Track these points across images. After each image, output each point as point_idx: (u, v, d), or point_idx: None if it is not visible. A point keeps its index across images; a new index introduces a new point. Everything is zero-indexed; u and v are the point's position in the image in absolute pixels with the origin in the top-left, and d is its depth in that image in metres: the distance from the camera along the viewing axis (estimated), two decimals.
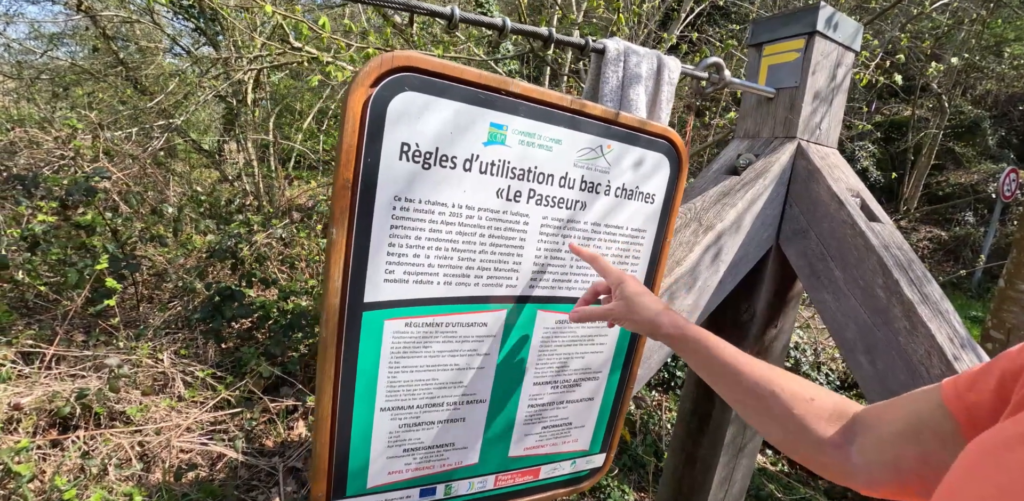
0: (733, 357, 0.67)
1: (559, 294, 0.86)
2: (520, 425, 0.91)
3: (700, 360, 0.69)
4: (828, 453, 0.58)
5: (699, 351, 0.69)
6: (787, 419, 0.60)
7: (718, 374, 0.67)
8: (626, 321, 0.75)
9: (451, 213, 0.72)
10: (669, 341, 0.72)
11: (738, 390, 0.65)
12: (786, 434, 0.61)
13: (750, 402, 0.64)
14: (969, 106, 10.76)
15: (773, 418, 0.62)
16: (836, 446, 0.58)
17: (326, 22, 2.06)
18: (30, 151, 3.54)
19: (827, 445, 0.58)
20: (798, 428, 0.60)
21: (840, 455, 0.57)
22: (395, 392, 0.76)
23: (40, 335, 2.28)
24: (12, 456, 1.68)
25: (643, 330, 0.75)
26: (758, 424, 0.65)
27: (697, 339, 0.70)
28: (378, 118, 0.64)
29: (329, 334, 0.69)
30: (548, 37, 1.02)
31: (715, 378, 0.68)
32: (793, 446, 0.61)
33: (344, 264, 0.67)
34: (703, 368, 0.70)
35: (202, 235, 3.38)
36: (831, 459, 0.58)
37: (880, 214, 1.32)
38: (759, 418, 0.64)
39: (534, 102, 0.75)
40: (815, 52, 1.32)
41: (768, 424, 0.63)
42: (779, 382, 0.63)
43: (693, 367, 0.72)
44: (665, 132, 0.92)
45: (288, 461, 2.05)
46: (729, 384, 0.66)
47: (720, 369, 0.67)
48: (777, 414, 0.61)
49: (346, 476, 0.78)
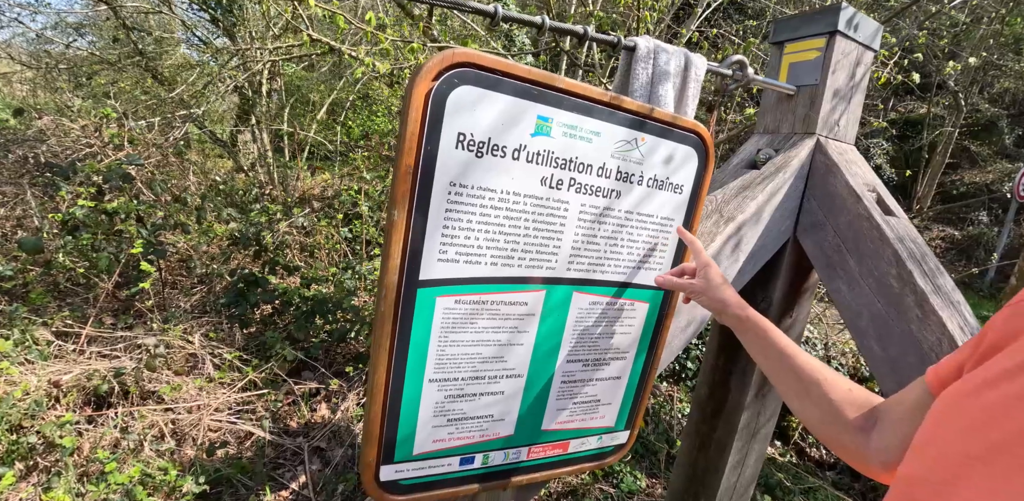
0: (787, 344, 0.76)
1: (593, 277, 0.92)
2: (553, 400, 0.97)
3: (758, 342, 0.79)
4: (852, 436, 0.65)
5: (758, 334, 0.79)
6: (825, 403, 0.69)
7: (773, 357, 0.77)
8: (703, 296, 0.86)
9: (500, 199, 0.77)
10: (735, 321, 0.82)
11: (788, 373, 0.74)
12: (822, 416, 0.69)
13: (796, 385, 0.73)
14: (986, 104, 10.66)
15: (813, 401, 0.70)
16: (860, 430, 0.65)
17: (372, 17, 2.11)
18: (57, 139, 3.63)
19: (853, 428, 0.66)
20: (833, 412, 0.68)
21: (862, 438, 0.64)
22: (443, 365, 0.82)
23: (73, 316, 2.37)
24: (55, 430, 1.76)
25: (715, 307, 0.85)
26: (798, 404, 0.73)
27: (758, 323, 0.80)
28: (438, 109, 0.70)
29: (387, 309, 0.75)
30: (584, 35, 1.07)
31: (768, 360, 0.77)
32: (824, 427, 0.69)
33: (403, 244, 0.73)
34: (758, 349, 0.79)
35: (223, 223, 3.45)
36: (854, 442, 0.65)
37: (895, 208, 1.36)
38: (800, 399, 0.72)
39: (577, 97, 0.80)
40: (836, 51, 1.36)
41: (808, 405, 0.71)
42: (824, 372, 0.72)
43: (749, 347, 0.81)
44: (695, 127, 0.97)
45: (313, 441, 2.13)
46: (781, 367, 0.75)
47: (775, 353, 0.76)
48: (817, 398, 0.70)
49: (395, 442, 0.84)
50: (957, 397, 0.43)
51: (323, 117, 6.80)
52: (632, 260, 0.96)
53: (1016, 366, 0.39)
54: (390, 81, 5.86)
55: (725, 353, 1.64)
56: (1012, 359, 0.40)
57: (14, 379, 1.86)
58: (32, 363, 1.98)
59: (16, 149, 3.78)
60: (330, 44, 3.28)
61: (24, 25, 6.72)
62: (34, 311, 2.31)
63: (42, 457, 1.76)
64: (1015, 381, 0.38)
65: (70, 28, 7.16)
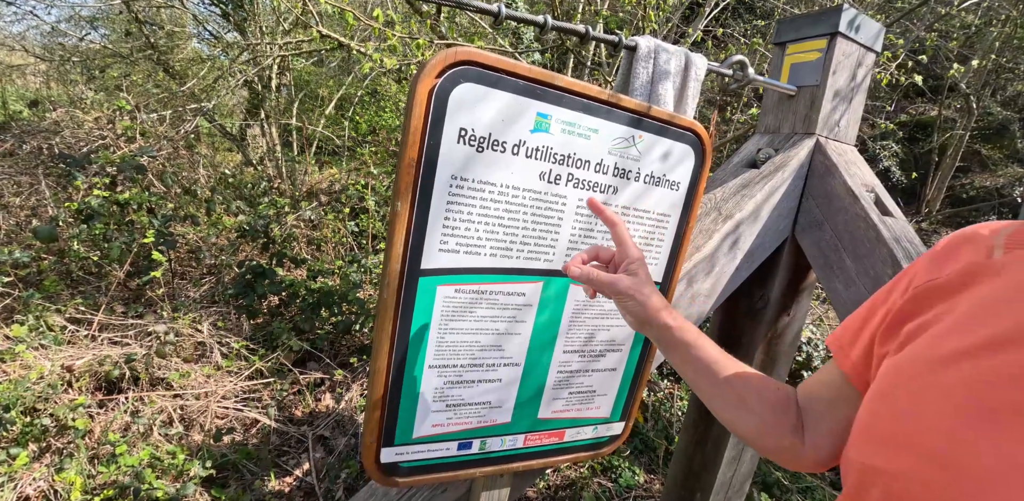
0: (719, 354, 0.70)
1: None
2: (549, 389, 1.00)
3: (689, 354, 0.70)
4: (791, 439, 0.62)
5: (690, 345, 0.70)
6: (765, 410, 0.64)
7: (705, 371, 0.69)
8: (630, 299, 0.70)
9: (499, 192, 0.80)
10: (664, 330, 0.70)
11: (722, 386, 0.67)
12: (761, 424, 0.64)
13: (731, 396, 0.66)
14: (998, 107, 10.56)
15: (750, 409, 0.65)
16: (795, 429, 0.62)
17: (379, 14, 2.15)
18: (71, 130, 3.69)
19: (791, 431, 0.62)
20: (772, 419, 0.64)
21: (799, 438, 0.62)
22: (442, 352, 0.86)
23: (85, 304, 2.42)
24: (68, 413, 1.81)
25: (640, 312, 0.70)
26: (735, 416, 0.67)
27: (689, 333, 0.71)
28: (441, 105, 0.73)
29: (389, 296, 0.78)
30: (585, 34, 1.10)
31: (699, 374, 0.69)
32: (764, 438, 0.64)
33: (406, 234, 0.76)
34: (689, 362, 0.70)
35: (232, 215, 3.50)
36: (793, 444, 0.62)
37: (893, 209, 1.38)
38: (738, 410, 0.66)
39: (576, 95, 0.83)
40: (837, 52, 1.38)
41: (744, 416, 0.66)
42: (753, 376, 0.67)
43: (679, 361, 0.71)
44: (692, 125, 0.99)
45: (317, 430, 2.17)
46: (716, 381, 0.68)
47: (707, 365, 0.69)
48: (755, 406, 0.65)
49: (395, 426, 0.88)
50: (915, 376, 0.41)
51: (331, 112, 6.85)
52: None
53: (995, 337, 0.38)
54: (398, 77, 5.90)
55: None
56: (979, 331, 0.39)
57: (28, 363, 1.91)
58: (46, 348, 2.04)
59: (30, 140, 3.85)
60: (339, 40, 3.32)
61: (39, 18, 6.80)
62: (48, 298, 2.36)
63: (55, 439, 1.81)
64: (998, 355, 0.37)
65: (84, 21, 7.23)
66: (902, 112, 10.92)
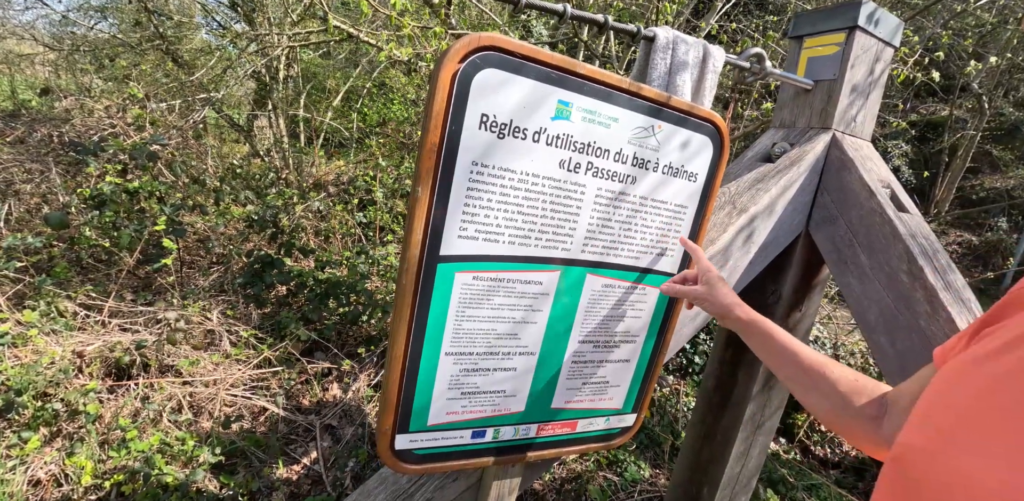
0: (791, 342, 0.79)
1: (607, 260, 0.94)
2: (563, 379, 1.00)
3: (764, 343, 0.81)
4: (864, 423, 0.68)
5: (763, 335, 0.81)
6: (835, 395, 0.71)
7: (779, 355, 0.79)
8: (706, 302, 0.88)
9: (519, 179, 0.80)
10: (740, 325, 0.84)
11: (795, 370, 0.76)
12: (832, 407, 0.71)
13: (804, 380, 0.75)
14: (1010, 108, 10.47)
15: (823, 394, 0.73)
16: (871, 418, 0.67)
17: (397, 1, 2.13)
18: (81, 119, 3.70)
19: (864, 417, 0.68)
20: (843, 402, 0.70)
21: (873, 426, 0.67)
22: (459, 339, 0.86)
23: (96, 291, 2.44)
24: (79, 397, 1.83)
25: (718, 312, 0.87)
26: (808, 399, 0.75)
27: (761, 325, 0.82)
28: (463, 90, 0.73)
29: (408, 282, 0.78)
30: (604, 24, 1.09)
31: (775, 358, 0.80)
32: (836, 417, 0.71)
33: (425, 219, 0.76)
34: (764, 350, 0.81)
35: (240, 205, 3.51)
36: (866, 429, 0.68)
37: (909, 205, 1.37)
38: (810, 393, 0.74)
39: (597, 83, 0.83)
40: (855, 46, 1.36)
41: (818, 399, 0.73)
42: (830, 365, 0.75)
43: (755, 348, 0.84)
44: (711, 116, 0.99)
45: (324, 419, 2.18)
46: (788, 364, 0.78)
47: (781, 351, 0.79)
48: (826, 391, 0.72)
49: (411, 413, 0.88)
50: (959, 368, 0.44)
51: (339, 104, 6.84)
52: (645, 245, 0.98)
53: (1016, 337, 0.40)
54: (407, 69, 5.88)
55: (733, 346, 1.66)
56: (1012, 331, 0.42)
57: (40, 348, 1.92)
58: (57, 333, 2.05)
59: (41, 128, 3.86)
60: (348, 31, 3.31)
61: (48, 7, 6.80)
62: (59, 284, 2.38)
63: (66, 423, 1.82)
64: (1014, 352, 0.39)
65: (93, 11, 7.23)
66: (913, 111, 10.83)
